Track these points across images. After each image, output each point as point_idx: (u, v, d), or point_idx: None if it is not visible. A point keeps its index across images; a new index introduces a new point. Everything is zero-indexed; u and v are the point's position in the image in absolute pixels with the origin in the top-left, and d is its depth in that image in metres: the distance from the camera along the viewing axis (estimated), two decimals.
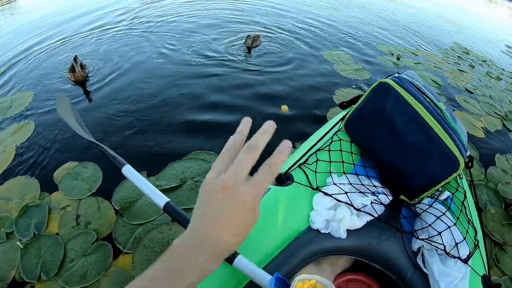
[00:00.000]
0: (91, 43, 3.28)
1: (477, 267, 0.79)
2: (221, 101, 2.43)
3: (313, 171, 0.87)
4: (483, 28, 7.07)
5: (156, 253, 1.41)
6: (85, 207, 1.61)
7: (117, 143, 1.99)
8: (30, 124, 2.14)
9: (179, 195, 1.67)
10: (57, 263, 1.37)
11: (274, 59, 3.13)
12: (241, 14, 4.38)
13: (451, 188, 1.02)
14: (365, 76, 3.07)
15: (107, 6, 4.37)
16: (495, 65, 4.49)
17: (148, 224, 1.53)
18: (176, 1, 4.70)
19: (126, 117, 2.21)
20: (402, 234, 0.83)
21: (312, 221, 0.76)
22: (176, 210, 0.70)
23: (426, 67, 3.62)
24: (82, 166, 1.82)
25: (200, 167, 1.82)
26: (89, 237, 1.48)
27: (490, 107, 3.07)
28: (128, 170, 0.77)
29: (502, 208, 1.93)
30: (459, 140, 0.87)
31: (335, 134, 1.02)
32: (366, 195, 0.84)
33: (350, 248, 0.77)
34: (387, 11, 5.94)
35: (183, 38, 3.42)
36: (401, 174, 0.92)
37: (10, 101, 2.41)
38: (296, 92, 2.63)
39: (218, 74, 2.76)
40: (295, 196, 0.80)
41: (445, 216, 0.86)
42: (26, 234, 1.49)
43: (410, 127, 0.89)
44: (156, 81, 2.64)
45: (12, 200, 1.65)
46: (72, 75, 2.55)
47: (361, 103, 0.98)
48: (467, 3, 10.67)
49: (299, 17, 4.49)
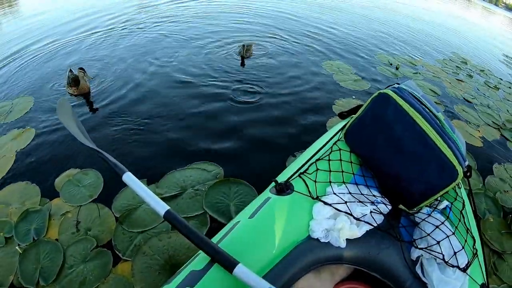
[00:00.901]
0: (86, 48, 3.31)
1: (475, 276, 0.80)
2: (223, 113, 2.42)
3: (313, 181, 0.87)
4: (481, 38, 7.15)
5: (156, 260, 1.41)
6: (85, 213, 1.61)
7: (118, 150, 2.00)
8: (31, 130, 2.14)
9: (179, 203, 1.68)
10: (56, 269, 1.37)
11: (273, 69, 3.16)
12: (242, 22, 4.44)
13: (449, 198, 1.03)
14: (365, 86, 3.09)
15: (108, 11, 4.43)
16: (493, 74, 4.53)
17: (148, 232, 1.53)
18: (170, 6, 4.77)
19: (128, 124, 2.22)
20: (401, 243, 0.83)
21: (312, 230, 0.77)
22: (176, 218, 0.69)
23: (424, 77, 3.65)
24: (84, 173, 1.82)
25: (201, 176, 1.82)
26: (89, 244, 1.47)
27: (488, 116, 3.09)
28: (128, 177, 0.77)
29: (501, 217, 1.93)
30: (457, 150, 0.88)
31: (335, 144, 1.03)
32: (366, 204, 0.85)
33: (350, 257, 0.78)
34: (385, 21, 6.01)
35: (184, 45, 3.46)
36: (400, 183, 0.93)
37: (10, 106, 2.42)
38: (295, 102, 2.65)
39: (217, 92, 2.73)
40: (295, 205, 0.80)
41: (444, 225, 0.87)
42: (25, 239, 1.49)
43: (409, 137, 0.90)
44: (159, 89, 2.66)
45: (12, 205, 1.65)
46: (75, 89, 2.44)
47: (361, 113, 0.99)
48: (465, 13, 10.80)
49: (298, 27, 4.54)
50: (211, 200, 1.69)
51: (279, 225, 0.74)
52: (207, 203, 1.67)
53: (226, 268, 0.62)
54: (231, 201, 1.69)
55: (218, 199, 1.70)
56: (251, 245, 0.70)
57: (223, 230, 0.79)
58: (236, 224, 0.75)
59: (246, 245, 0.70)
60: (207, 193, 1.72)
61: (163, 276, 1.36)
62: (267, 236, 0.73)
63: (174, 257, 1.42)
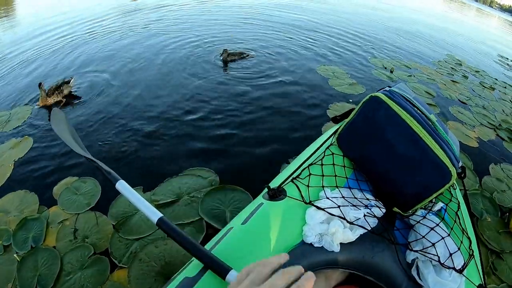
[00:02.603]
0: (76, 55, 3.34)
1: (472, 277, 0.80)
2: (218, 119, 2.44)
3: (306, 186, 0.87)
4: (476, 39, 7.21)
5: (152, 267, 1.41)
6: (83, 221, 1.61)
7: (113, 158, 2.00)
8: (29, 139, 2.15)
9: (175, 209, 1.68)
10: (54, 276, 1.37)
11: (268, 73, 3.17)
12: (237, 28, 4.47)
13: (444, 199, 1.03)
14: (360, 90, 3.11)
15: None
16: (488, 75, 4.56)
17: (144, 239, 1.53)
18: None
19: (123, 131, 2.23)
20: (396, 246, 0.83)
21: (305, 235, 0.76)
22: (169, 226, 0.69)
23: (419, 79, 3.67)
24: (82, 181, 1.82)
25: (196, 183, 1.83)
26: (86, 251, 1.47)
27: (484, 117, 3.11)
28: (122, 185, 0.77)
29: (498, 217, 1.94)
30: (451, 151, 0.88)
31: (328, 148, 1.03)
32: (359, 208, 0.85)
33: (344, 261, 0.78)
34: (379, 24, 6.06)
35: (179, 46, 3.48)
36: (393, 186, 0.93)
37: (8, 115, 2.43)
38: (290, 107, 2.66)
39: (212, 97, 2.76)
40: (288, 210, 0.80)
41: (439, 227, 0.87)
42: (23, 247, 1.50)
43: (401, 140, 0.90)
44: (153, 95, 2.67)
45: (11, 213, 1.66)
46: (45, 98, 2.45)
47: (353, 117, 1.00)
48: (459, 14, 10.88)
49: (292, 32, 4.57)
50: (207, 207, 1.69)
51: (272, 230, 0.74)
52: (203, 210, 1.67)
53: (219, 275, 0.62)
54: (226, 208, 1.69)
55: (214, 205, 1.70)
56: (244, 251, 0.70)
57: (216, 236, 0.79)
58: (229, 230, 0.75)
59: (239, 251, 0.70)
60: (203, 200, 1.72)
61: (159, 282, 1.35)
62: (260, 242, 0.72)
63: (170, 263, 1.42)
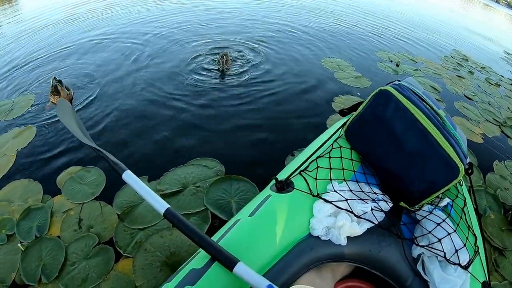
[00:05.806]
0: (84, 53, 3.30)
1: (477, 274, 0.80)
2: (223, 111, 2.42)
3: (314, 178, 0.87)
4: (482, 35, 7.11)
5: (157, 257, 1.41)
6: (87, 211, 1.61)
7: (118, 147, 2.00)
8: (32, 128, 2.14)
9: (180, 199, 1.68)
10: (58, 266, 1.37)
11: (272, 66, 3.14)
12: (242, 20, 4.43)
13: (451, 195, 1.03)
14: (366, 83, 3.07)
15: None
16: (494, 71, 4.51)
17: (149, 229, 1.53)
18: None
19: (128, 121, 2.23)
20: (402, 241, 0.83)
21: (313, 228, 0.77)
22: (176, 217, 0.69)
23: (425, 74, 3.63)
24: (86, 170, 1.82)
25: (202, 173, 1.83)
26: (91, 241, 1.48)
27: (489, 113, 3.08)
28: (128, 175, 0.76)
29: (502, 214, 1.93)
30: (459, 147, 0.88)
31: (336, 141, 1.02)
32: (367, 202, 0.85)
33: (351, 255, 0.78)
34: (385, 18, 5.98)
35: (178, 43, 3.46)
36: (401, 181, 0.93)
37: (11, 104, 2.42)
38: (296, 100, 2.64)
39: (217, 88, 2.76)
40: (296, 203, 0.80)
41: (445, 223, 0.87)
42: (27, 237, 1.49)
43: (410, 134, 0.90)
44: (160, 86, 2.66)
45: (15, 203, 1.66)
46: (57, 97, 2.34)
47: (362, 110, 0.99)
48: (466, 10, 10.74)
49: (296, 24, 4.52)
50: (212, 197, 1.69)
51: (279, 223, 0.74)
52: (208, 200, 1.67)
53: (226, 267, 0.62)
54: (232, 198, 1.69)
55: (219, 196, 1.70)
56: (251, 243, 0.70)
57: (223, 228, 0.79)
58: (236, 222, 0.75)
59: (246, 243, 0.70)
60: (208, 190, 1.72)
61: (165, 272, 1.36)
62: (268, 234, 0.72)
63: (175, 254, 1.43)
